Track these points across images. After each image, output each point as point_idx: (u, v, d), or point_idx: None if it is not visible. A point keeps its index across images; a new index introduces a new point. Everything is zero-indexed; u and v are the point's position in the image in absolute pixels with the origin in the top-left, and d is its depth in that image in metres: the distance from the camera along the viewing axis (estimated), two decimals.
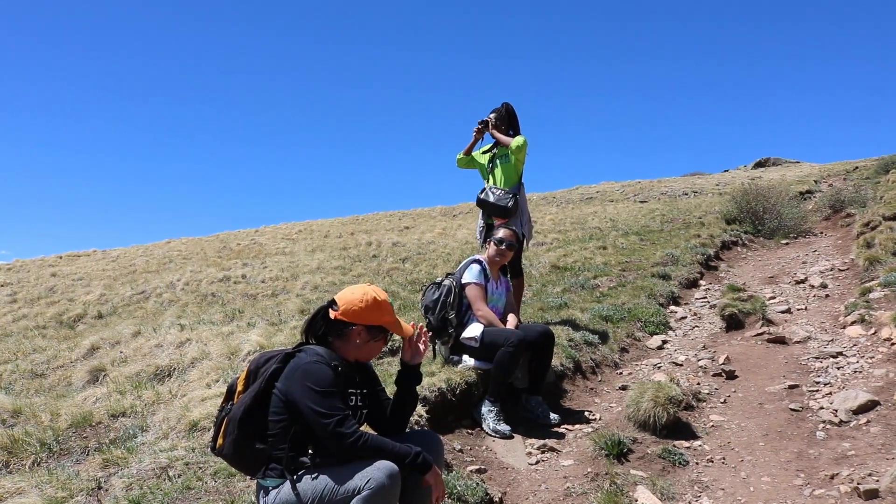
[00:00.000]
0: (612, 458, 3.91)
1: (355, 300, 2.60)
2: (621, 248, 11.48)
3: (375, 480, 2.23)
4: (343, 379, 2.51)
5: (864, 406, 4.26)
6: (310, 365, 2.43)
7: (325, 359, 2.48)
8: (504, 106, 5.91)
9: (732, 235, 12.60)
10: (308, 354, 2.49)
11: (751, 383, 5.16)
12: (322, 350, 2.54)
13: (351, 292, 2.65)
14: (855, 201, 14.27)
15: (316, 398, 2.35)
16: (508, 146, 5.72)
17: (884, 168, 19.96)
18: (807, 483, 3.55)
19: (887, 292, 6.68)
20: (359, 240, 16.01)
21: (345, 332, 2.60)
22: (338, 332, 2.61)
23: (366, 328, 2.60)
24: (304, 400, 2.35)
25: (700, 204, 18.44)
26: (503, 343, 4.28)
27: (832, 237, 12.40)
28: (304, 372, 2.41)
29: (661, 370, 5.58)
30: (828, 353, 5.50)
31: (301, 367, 2.42)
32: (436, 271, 9.51)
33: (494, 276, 4.87)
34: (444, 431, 4.09)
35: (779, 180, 22.54)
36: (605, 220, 16.61)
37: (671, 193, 24.01)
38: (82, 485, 3.30)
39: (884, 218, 10.59)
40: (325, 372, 2.42)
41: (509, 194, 5.67)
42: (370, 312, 2.60)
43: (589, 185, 32.29)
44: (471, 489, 3.36)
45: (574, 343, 5.65)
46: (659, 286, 8.19)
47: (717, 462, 3.94)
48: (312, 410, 2.34)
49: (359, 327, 2.59)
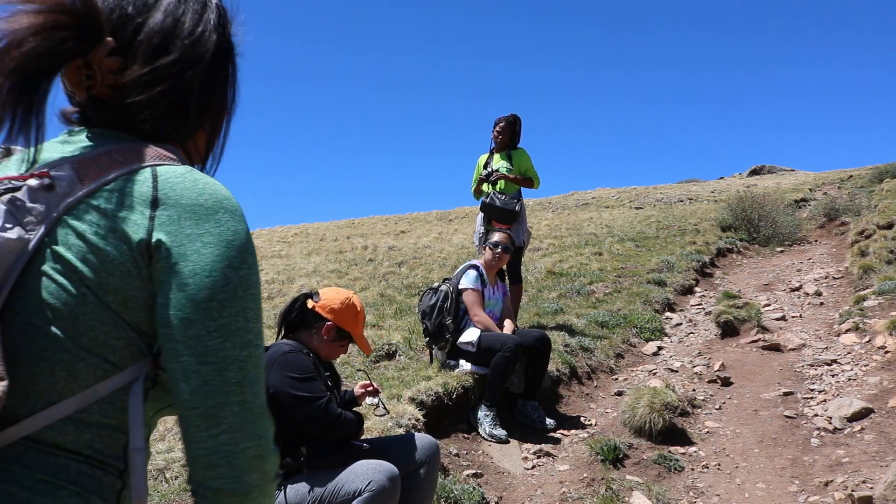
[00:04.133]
0: (608, 464, 3.92)
1: (337, 299, 2.66)
2: (617, 254, 11.51)
3: (376, 483, 2.24)
4: (316, 366, 2.55)
5: (859, 413, 4.29)
6: (286, 356, 2.46)
7: (297, 347, 2.53)
8: (512, 116, 6.03)
9: (727, 243, 12.64)
10: (279, 347, 2.52)
11: (746, 390, 5.18)
12: (292, 342, 2.58)
13: (335, 291, 2.72)
14: (849, 210, 14.33)
15: (299, 385, 2.38)
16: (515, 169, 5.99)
17: (878, 177, 20.05)
18: (801, 490, 3.57)
19: (881, 300, 6.72)
20: (355, 243, 16.01)
21: (316, 325, 2.63)
22: (309, 324, 2.65)
23: (336, 328, 2.63)
24: (287, 389, 2.37)
25: (695, 211, 18.49)
26: (500, 348, 4.29)
27: (827, 245, 12.45)
28: (281, 363, 2.43)
29: (657, 376, 5.59)
30: (822, 361, 5.52)
31: (277, 360, 2.44)
32: (432, 276, 9.52)
33: (491, 281, 4.88)
34: (441, 435, 4.09)
35: (774, 188, 22.64)
36: (601, 226, 16.65)
37: (667, 200, 24.07)
38: None
39: (878, 227, 10.64)
40: (302, 359, 2.46)
41: (514, 199, 5.77)
42: (346, 314, 2.65)
43: (585, 191, 32.35)
44: (467, 493, 3.37)
45: (570, 348, 5.66)
46: (654, 292, 8.21)
47: (713, 468, 3.96)
48: (297, 398, 2.35)
49: (331, 324, 2.62)
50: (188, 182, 0.81)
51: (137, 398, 0.80)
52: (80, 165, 0.80)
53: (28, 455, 0.76)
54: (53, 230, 0.77)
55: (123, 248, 0.77)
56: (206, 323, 0.78)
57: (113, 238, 0.77)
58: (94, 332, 0.77)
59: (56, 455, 0.77)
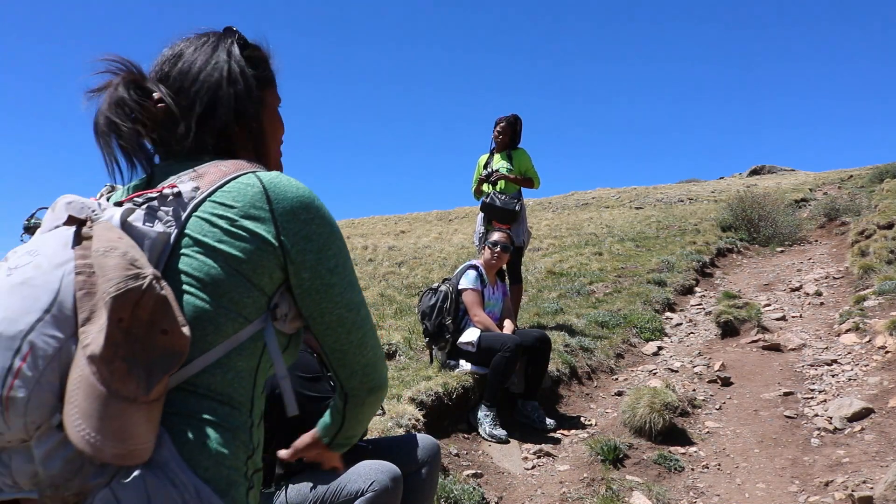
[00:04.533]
0: (608, 464, 3.93)
1: None
2: (617, 254, 11.51)
3: (379, 483, 2.24)
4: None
5: (859, 413, 4.29)
6: None
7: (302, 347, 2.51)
8: (512, 116, 6.04)
9: (728, 243, 12.64)
10: None
11: (746, 390, 5.18)
12: None
13: None
14: (850, 210, 14.33)
15: (307, 385, 2.36)
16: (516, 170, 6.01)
17: (878, 177, 20.05)
18: (801, 490, 3.57)
19: (882, 300, 6.73)
20: (354, 244, 16.02)
21: None
22: None
23: None
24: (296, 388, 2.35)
25: (695, 211, 18.49)
26: (500, 348, 4.29)
27: (827, 245, 12.45)
28: None
29: (657, 376, 5.60)
30: (822, 361, 5.53)
31: None
32: (432, 276, 9.52)
33: (491, 281, 4.88)
34: (441, 436, 4.09)
35: (774, 188, 22.64)
36: (601, 226, 16.66)
37: (667, 200, 24.07)
38: None
39: (878, 227, 10.65)
40: (309, 358, 2.44)
41: (514, 199, 5.77)
42: None
43: (585, 191, 32.35)
44: (467, 493, 3.37)
45: (570, 348, 5.67)
46: (654, 292, 8.22)
47: (713, 468, 3.96)
48: (306, 398, 2.34)
49: None
50: (283, 181, 1.09)
51: (273, 339, 1.07)
52: (195, 177, 1.08)
53: (189, 400, 1.00)
54: (187, 224, 1.03)
55: (249, 231, 1.04)
56: (341, 282, 1.11)
57: (240, 224, 1.04)
58: (231, 294, 1.03)
59: (208, 398, 1.01)
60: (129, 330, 0.91)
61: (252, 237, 1.04)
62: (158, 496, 0.90)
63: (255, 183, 1.07)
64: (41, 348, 0.89)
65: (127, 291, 0.90)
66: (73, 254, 0.95)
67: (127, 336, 0.90)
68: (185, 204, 1.04)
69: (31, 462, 0.90)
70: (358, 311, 1.13)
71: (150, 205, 1.03)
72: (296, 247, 1.06)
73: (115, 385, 0.88)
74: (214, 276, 1.02)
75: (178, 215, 1.03)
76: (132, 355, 0.90)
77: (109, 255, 0.93)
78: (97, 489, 0.90)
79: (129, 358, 0.90)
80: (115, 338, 0.89)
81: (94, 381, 0.87)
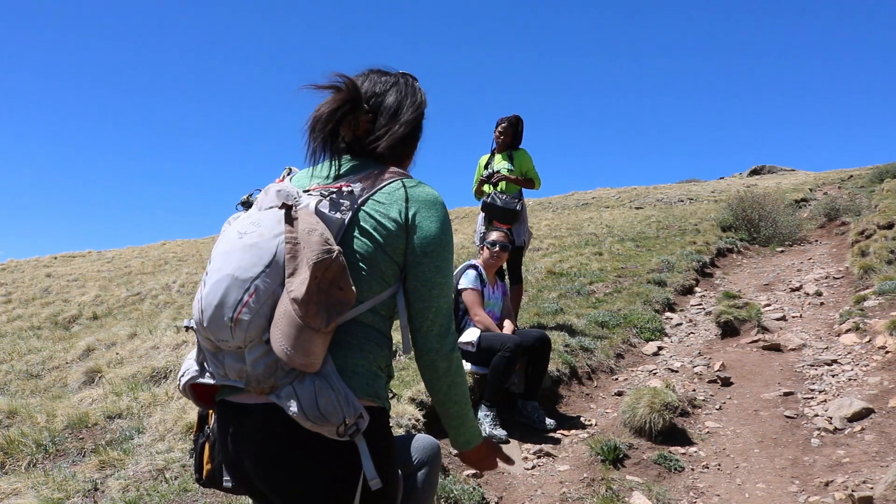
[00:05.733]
0: (608, 464, 3.93)
1: None
2: (617, 254, 11.51)
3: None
4: None
5: (859, 413, 4.29)
6: None
7: None
8: (514, 117, 6.03)
9: (728, 243, 12.64)
10: None
11: (746, 390, 5.18)
12: None
13: None
14: (850, 210, 14.33)
15: None
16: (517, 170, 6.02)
17: (878, 177, 20.05)
18: (801, 490, 3.57)
19: (882, 300, 6.73)
20: None
21: None
22: None
23: None
24: None
25: (696, 211, 18.49)
26: (500, 348, 4.29)
27: (827, 245, 12.45)
28: None
29: (657, 376, 5.60)
30: (822, 361, 5.53)
31: None
32: None
33: (491, 281, 4.88)
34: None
35: (774, 188, 22.64)
36: (601, 225, 16.66)
37: (667, 200, 24.07)
38: (79, 486, 3.29)
39: (878, 227, 10.65)
40: None
41: (515, 199, 5.76)
42: None
43: (584, 191, 32.34)
44: (467, 493, 3.37)
45: (570, 348, 5.66)
46: (654, 292, 8.22)
47: (713, 468, 3.96)
48: None
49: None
50: (420, 187, 1.57)
51: (401, 299, 1.55)
52: (362, 179, 1.54)
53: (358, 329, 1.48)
54: (356, 214, 1.49)
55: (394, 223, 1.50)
56: (430, 263, 1.53)
57: (388, 218, 1.50)
58: (380, 266, 1.49)
59: (369, 328, 1.50)
60: (320, 285, 1.32)
61: (395, 227, 1.49)
62: (322, 393, 1.33)
63: (401, 188, 1.53)
64: (262, 290, 1.33)
65: (324, 259, 1.32)
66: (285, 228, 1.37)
67: (318, 288, 1.32)
68: (355, 199, 1.50)
69: (241, 362, 1.36)
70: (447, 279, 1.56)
71: (332, 197, 1.48)
72: (413, 231, 1.52)
73: (308, 319, 1.30)
74: (370, 252, 1.48)
75: (351, 207, 1.49)
76: (319, 301, 1.32)
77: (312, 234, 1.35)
78: (283, 386, 1.35)
79: (317, 302, 1.31)
80: (311, 288, 1.30)
81: (293, 315, 1.30)
